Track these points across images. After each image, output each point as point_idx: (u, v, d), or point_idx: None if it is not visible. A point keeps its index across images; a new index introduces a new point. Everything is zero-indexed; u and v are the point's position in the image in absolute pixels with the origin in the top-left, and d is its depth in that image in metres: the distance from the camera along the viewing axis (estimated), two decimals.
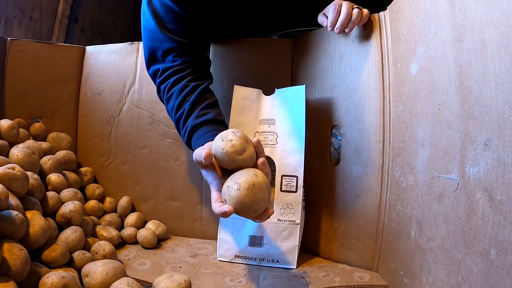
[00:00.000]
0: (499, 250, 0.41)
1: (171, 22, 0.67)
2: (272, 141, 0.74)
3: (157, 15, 0.67)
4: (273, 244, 0.73)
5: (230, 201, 0.50)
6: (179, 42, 0.68)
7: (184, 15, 0.67)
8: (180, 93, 0.67)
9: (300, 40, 0.84)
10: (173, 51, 0.68)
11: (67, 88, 0.94)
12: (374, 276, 0.69)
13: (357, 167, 0.72)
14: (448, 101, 0.51)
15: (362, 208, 0.72)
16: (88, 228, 0.74)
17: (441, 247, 0.51)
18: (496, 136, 0.41)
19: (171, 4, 0.66)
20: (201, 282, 0.66)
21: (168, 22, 0.67)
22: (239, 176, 0.50)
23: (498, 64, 0.41)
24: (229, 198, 0.50)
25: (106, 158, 0.93)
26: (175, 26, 0.68)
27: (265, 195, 0.50)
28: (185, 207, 0.89)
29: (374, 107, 0.70)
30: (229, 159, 0.51)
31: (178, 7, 0.66)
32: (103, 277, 0.58)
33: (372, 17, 0.71)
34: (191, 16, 0.68)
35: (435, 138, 0.54)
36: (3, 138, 0.74)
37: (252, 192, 0.49)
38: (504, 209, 0.40)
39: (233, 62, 0.86)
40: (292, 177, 0.72)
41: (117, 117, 0.92)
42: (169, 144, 0.89)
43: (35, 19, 1.38)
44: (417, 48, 0.59)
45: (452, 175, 0.49)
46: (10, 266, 0.48)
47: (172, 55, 0.69)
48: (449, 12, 0.50)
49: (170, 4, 0.66)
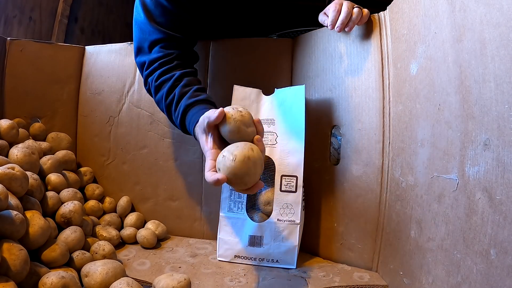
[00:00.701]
0: (499, 250, 0.41)
1: (160, 16, 0.70)
2: (272, 141, 0.74)
3: (147, 8, 0.70)
4: (273, 244, 0.73)
5: (223, 170, 0.50)
6: (166, 34, 0.70)
7: (173, 9, 0.69)
8: (168, 81, 0.69)
9: (300, 40, 0.84)
10: (160, 42, 0.70)
11: (66, 88, 0.94)
12: (374, 276, 0.69)
13: (357, 167, 0.72)
14: (448, 101, 0.51)
15: (362, 208, 0.72)
16: (88, 228, 0.74)
17: (440, 247, 0.52)
18: (496, 136, 0.42)
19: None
20: (200, 282, 0.66)
21: (157, 15, 0.70)
22: (236, 148, 0.51)
23: (498, 64, 0.41)
24: (223, 168, 0.50)
25: (106, 158, 0.93)
26: (163, 19, 0.70)
27: (258, 170, 0.51)
28: (184, 207, 0.89)
29: (374, 107, 0.70)
30: (236, 127, 0.53)
31: (167, 2, 0.69)
32: (103, 277, 0.58)
33: (372, 17, 0.71)
34: (180, 11, 0.70)
35: (435, 138, 0.54)
36: (2, 138, 0.74)
37: (246, 165, 0.50)
38: (503, 209, 0.40)
39: (232, 62, 0.86)
40: (292, 177, 0.72)
41: (116, 117, 0.92)
42: (169, 144, 0.89)
43: (35, 19, 1.37)
44: (417, 48, 0.59)
45: (451, 175, 0.49)
46: (9, 266, 0.48)
47: (159, 46, 0.70)
48: (449, 12, 0.50)
49: None
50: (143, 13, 0.70)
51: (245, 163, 0.49)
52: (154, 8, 0.70)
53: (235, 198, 0.74)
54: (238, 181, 0.51)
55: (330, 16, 0.69)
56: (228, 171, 0.50)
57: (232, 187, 0.53)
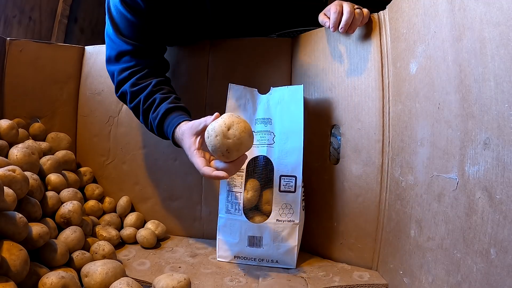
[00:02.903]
0: (499, 249, 0.41)
1: (125, 28, 0.73)
2: (269, 141, 0.74)
3: (114, 21, 0.74)
4: (272, 244, 0.72)
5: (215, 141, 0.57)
6: (133, 46, 0.73)
7: (137, 22, 0.73)
8: (146, 87, 0.73)
9: (299, 39, 0.84)
10: (128, 53, 0.74)
11: (66, 88, 0.94)
12: (374, 276, 0.69)
13: (356, 167, 0.72)
14: (448, 100, 0.51)
15: (362, 207, 0.72)
16: (88, 228, 0.74)
17: (440, 247, 0.51)
18: (496, 135, 0.41)
19: (125, 12, 0.72)
20: (200, 282, 0.66)
21: (123, 28, 0.74)
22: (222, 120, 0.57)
23: (497, 63, 0.41)
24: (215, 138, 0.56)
25: (106, 158, 0.93)
26: (129, 32, 0.73)
27: (249, 143, 0.59)
28: (184, 207, 0.89)
29: (373, 107, 0.70)
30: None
31: (131, 14, 0.72)
32: (103, 277, 0.58)
33: (371, 16, 0.71)
34: (143, 23, 0.73)
35: (434, 137, 0.54)
36: (2, 138, 0.74)
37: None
38: (503, 208, 0.40)
39: (232, 62, 0.86)
40: (291, 177, 0.72)
41: (116, 117, 0.92)
42: (168, 144, 0.87)
43: (34, 19, 1.37)
44: (417, 47, 0.59)
45: (451, 175, 0.49)
46: (9, 266, 0.48)
47: (127, 56, 0.74)
48: (448, 11, 0.50)
49: (124, 12, 0.72)
50: (111, 26, 0.74)
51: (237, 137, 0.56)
52: (120, 21, 0.73)
53: (232, 199, 0.74)
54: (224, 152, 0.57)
55: (331, 18, 0.69)
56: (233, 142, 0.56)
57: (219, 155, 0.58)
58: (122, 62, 0.74)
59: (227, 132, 0.56)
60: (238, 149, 0.57)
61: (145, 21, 0.73)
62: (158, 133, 0.74)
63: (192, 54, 0.88)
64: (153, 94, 0.73)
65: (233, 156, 0.57)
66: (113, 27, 0.74)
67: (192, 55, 0.87)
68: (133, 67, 0.74)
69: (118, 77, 0.75)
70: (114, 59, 0.75)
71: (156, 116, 0.71)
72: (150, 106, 0.73)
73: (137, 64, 0.74)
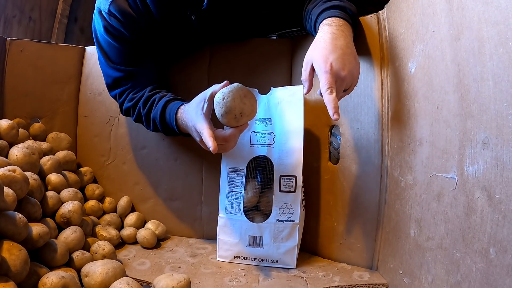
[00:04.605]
0: (498, 249, 0.41)
1: (114, 56, 0.76)
2: (270, 141, 0.74)
3: (104, 50, 0.76)
4: (273, 244, 0.72)
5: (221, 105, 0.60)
6: (125, 72, 0.76)
7: (123, 49, 0.75)
8: (141, 97, 0.76)
9: (299, 40, 0.84)
10: (122, 79, 0.77)
11: (66, 88, 0.94)
12: (374, 275, 0.69)
13: (356, 167, 0.72)
14: (446, 99, 0.51)
15: (362, 207, 0.72)
16: (88, 228, 0.74)
17: (440, 246, 0.51)
18: (495, 135, 0.41)
19: (111, 41, 0.74)
20: (200, 282, 0.66)
21: (112, 56, 0.76)
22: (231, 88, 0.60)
23: (496, 62, 0.41)
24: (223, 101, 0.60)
25: (106, 158, 0.93)
26: (118, 58, 0.76)
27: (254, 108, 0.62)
28: (184, 207, 0.89)
29: (372, 106, 0.70)
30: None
31: (117, 43, 0.74)
32: (103, 277, 0.58)
33: (370, 16, 0.71)
34: (130, 50, 0.76)
35: (433, 137, 0.54)
36: (2, 138, 0.74)
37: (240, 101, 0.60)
38: (503, 207, 0.40)
39: (232, 63, 0.86)
40: (291, 177, 0.72)
41: (117, 117, 0.92)
42: (169, 144, 0.89)
43: (34, 19, 1.38)
44: (415, 47, 0.59)
45: (450, 174, 0.49)
46: (9, 266, 0.48)
47: (122, 81, 0.77)
48: (446, 10, 0.50)
49: (110, 41, 0.74)
50: (101, 54, 0.77)
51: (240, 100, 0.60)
52: (109, 49, 0.76)
53: (232, 199, 0.74)
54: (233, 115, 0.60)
55: (328, 107, 0.55)
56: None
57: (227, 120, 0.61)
58: (120, 86, 0.78)
59: (243, 97, 0.60)
60: (249, 114, 0.61)
61: (132, 48, 0.76)
62: (162, 129, 0.75)
63: (193, 55, 0.88)
64: (150, 97, 0.75)
65: (243, 120, 0.61)
66: (103, 55, 0.76)
67: (193, 56, 0.88)
68: (130, 88, 0.77)
69: (119, 99, 0.79)
70: (112, 86, 0.78)
71: (156, 112, 0.73)
72: (150, 107, 0.74)
73: (133, 85, 0.77)
